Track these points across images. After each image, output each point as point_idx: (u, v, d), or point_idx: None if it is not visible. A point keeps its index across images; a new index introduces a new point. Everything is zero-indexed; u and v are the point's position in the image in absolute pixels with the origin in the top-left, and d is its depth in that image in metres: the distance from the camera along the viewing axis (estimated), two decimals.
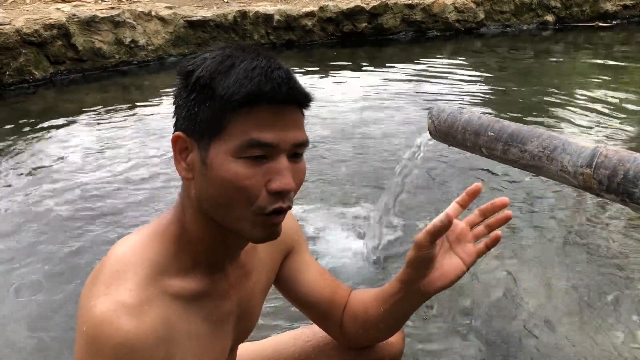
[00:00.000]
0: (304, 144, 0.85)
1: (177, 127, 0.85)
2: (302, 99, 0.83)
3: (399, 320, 1.12)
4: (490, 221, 1.02)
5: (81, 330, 0.79)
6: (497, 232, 1.01)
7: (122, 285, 0.81)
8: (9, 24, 4.67)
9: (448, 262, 1.00)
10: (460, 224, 1.02)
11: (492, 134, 1.55)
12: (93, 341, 0.77)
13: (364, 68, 5.36)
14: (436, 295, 1.02)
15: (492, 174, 2.96)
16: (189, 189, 0.86)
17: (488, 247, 1.02)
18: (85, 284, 0.85)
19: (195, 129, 0.82)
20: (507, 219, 1.01)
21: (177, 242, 0.88)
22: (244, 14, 5.75)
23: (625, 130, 3.62)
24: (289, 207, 0.84)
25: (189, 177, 0.84)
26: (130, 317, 0.78)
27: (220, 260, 0.93)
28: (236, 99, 0.77)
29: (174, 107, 0.87)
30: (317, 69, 5.27)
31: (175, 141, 0.84)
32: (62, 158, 3.34)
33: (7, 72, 4.64)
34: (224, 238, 0.88)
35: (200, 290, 0.90)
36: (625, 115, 3.89)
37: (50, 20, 4.81)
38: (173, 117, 0.87)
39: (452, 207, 1.01)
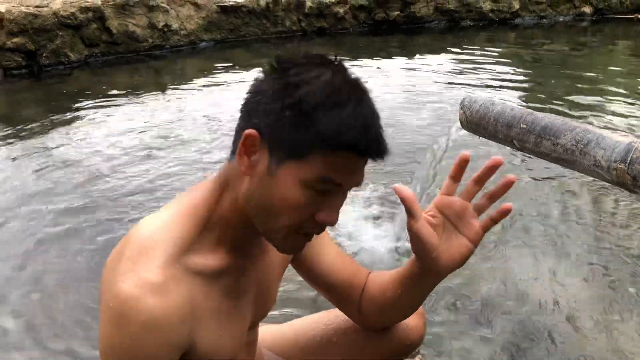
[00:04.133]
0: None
1: (251, 121, 0.83)
2: (382, 157, 0.85)
3: (416, 300, 1.12)
4: (491, 191, 0.94)
5: (107, 306, 0.81)
6: (507, 204, 0.91)
7: (149, 263, 0.82)
8: (47, 6, 4.76)
9: (454, 243, 0.95)
10: (457, 201, 0.95)
11: (524, 126, 1.53)
12: (119, 317, 0.79)
13: (395, 57, 5.33)
14: (462, 282, 0.98)
15: (526, 166, 2.92)
16: (240, 181, 0.87)
17: (495, 221, 0.94)
18: (110, 259, 0.86)
19: (277, 141, 0.82)
20: (509, 185, 0.91)
21: (204, 221, 0.89)
22: (276, 0, 5.75)
23: None
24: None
25: (247, 174, 0.85)
26: (156, 295, 0.80)
27: (245, 241, 0.95)
28: (330, 143, 0.79)
29: (252, 97, 0.85)
30: (348, 57, 5.25)
31: (247, 137, 0.82)
32: (94, 137, 3.41)
33: (44, 54, 4.74)
34: (253, 228, 0.89)
35: (222, 267, 0.91)
36: None
37: (87, 4, 4.89)
38: (245, 105, 0.85)
39: (442, 188, 0.97)
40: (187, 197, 0.92)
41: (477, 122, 1.70)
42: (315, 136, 0.79)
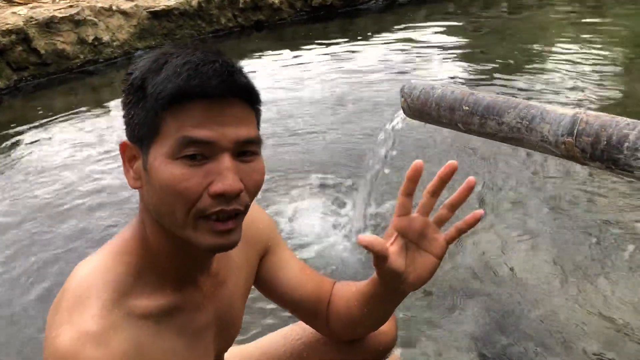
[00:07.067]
0: (252, 140, 0.78)
1: (126, 135, 0.82)
2: (241, 93, 0.77)
3: (383, 315, 1.09)
4: (451, 199, 0.88)
5: None
6: (477, 211, 0.86)
7: (85, 312, 0.76)
8: None
9: (420, 262, 0.89)
10: (416, 219, 0.88)
11: (467, 108, 1.48)
12: None
13: (337, 43, 5.23)
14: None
15: (474, 148, 2.88)
16: (142, 199, 0.82)
17: (462, 231, 0.88)
18: (49, 312, 0.81)
19: (135, 134, 0.78)
20: (469, 189, 0.86)
21: (140, 258, 0.83)
22: None
23: (605, 87, 3.55)
24: (238, 211, 0.78)
25: (137, 186, 0.80)
26: (95, 346, 0.74)
27: (189, 272, 0.88)
28: (164, 96, 0.73)
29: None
30: (288, 49, 5.14)
31: (122, 150, 0.81)
32: (36, 167, 3.23)
33: None
34: (187, 248, 0.82)
35: (171, 306, 0.85)
36: (603, 69, 3.83)
37: (7, 26, 4.63)
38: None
39: (397, 208, 0.89)
40: (119, 236, 0.86)
41: (419, 109, 1.64)
42: (153, 102, 0.74)
